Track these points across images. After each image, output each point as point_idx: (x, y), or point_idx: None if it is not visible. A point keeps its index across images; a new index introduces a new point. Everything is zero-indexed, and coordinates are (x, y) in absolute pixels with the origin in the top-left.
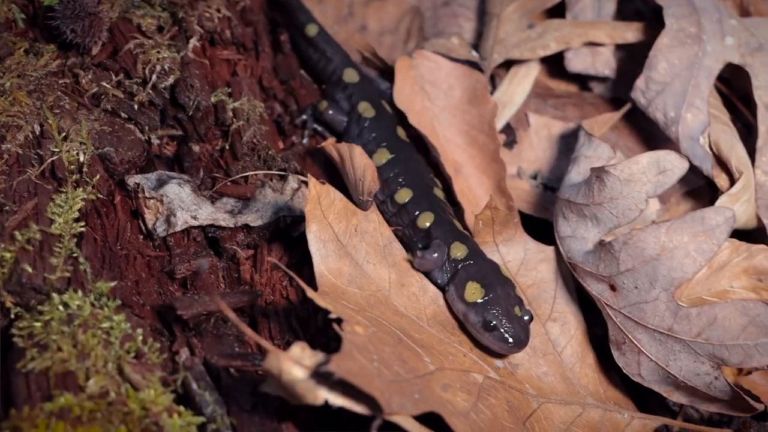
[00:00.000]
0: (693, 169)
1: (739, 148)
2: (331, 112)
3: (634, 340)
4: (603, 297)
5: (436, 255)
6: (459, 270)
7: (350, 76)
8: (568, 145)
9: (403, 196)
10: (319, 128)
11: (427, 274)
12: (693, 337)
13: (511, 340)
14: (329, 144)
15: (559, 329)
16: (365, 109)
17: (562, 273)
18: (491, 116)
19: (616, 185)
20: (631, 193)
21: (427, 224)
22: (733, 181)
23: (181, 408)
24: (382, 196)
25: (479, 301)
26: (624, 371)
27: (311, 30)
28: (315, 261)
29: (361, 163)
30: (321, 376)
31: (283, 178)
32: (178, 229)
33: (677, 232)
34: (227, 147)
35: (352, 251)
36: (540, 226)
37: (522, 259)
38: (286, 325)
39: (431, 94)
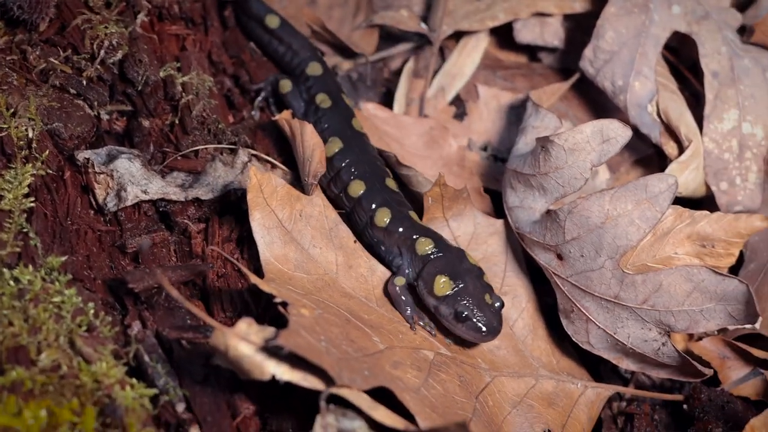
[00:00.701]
0: (642, 138)
1: (688, 116)
2: (290, 93)
3: (581, 309)
4: (551, 266)
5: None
6: (426, 265)
7: (314, 69)
8: (517, 116)
9: (356, 189)
10: (271, 101)
11: (392, 268)
12: (639, 304)
13: (484, 328)
14: (282, 118)
15: (510, 302)
16: (322, 99)
17: (511, 246)
18: (458, 157)
19: (561, 155)
20: (576, 162)
21: (386, 221)
22: (681, 149)
23: (134, 380)
24: (336, 190)
25: (449, 293)
26: (573, 339)
27: (272, 21)
28: (260, 248)
29: (311, 143)
30: (270, 351)
31: (233, 152)
32: (128, 203)
33: (621, 200)
34: (177, 121)
35: (297, 236)
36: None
37: (472, 233)
38: (238, 298)
39: (389, 144)
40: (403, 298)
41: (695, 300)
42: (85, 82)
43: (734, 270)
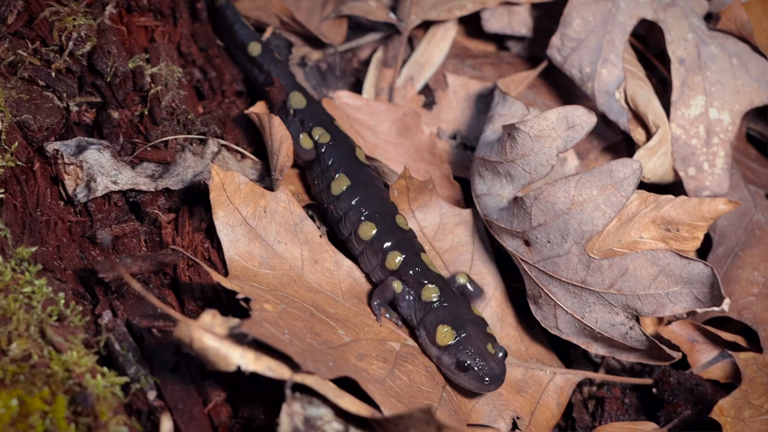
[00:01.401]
0: (610, 125)
1: (655, 102)
2: (315, 178)
3: (549, 294)
4: (518, 253)
5: (386, 293)
6: (428, 314)
7: (296, 101)
8: (486, 104)
9: (367, 231)
10: None
11: (398, 311)
12: (606, 289)
13: (487, 378)
14: (253, 111)
15: None
16: (320, 134)
17: (479, 235)
18: (429, 144)
19: (527, 142)
20: (542, 149)
21: (397, 264)
22: (649, 136)
23: (105, 369)
24: (346, 231)
25: (451, 343)
26: (542, 325)
27: (254, 49)
28: (224, 247)
29: (279, 135)
30: (235, 342)
31: (203, 142)
32: (98, 194)
33: (586, 186)
34: (146, 112)
35: (262, 233)
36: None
37: (438, 224)
38: (208, 288)
39: (360, 132)
40: (385, 294)
41: (661, 284)
42: (53, 74)
43: (702, 254)
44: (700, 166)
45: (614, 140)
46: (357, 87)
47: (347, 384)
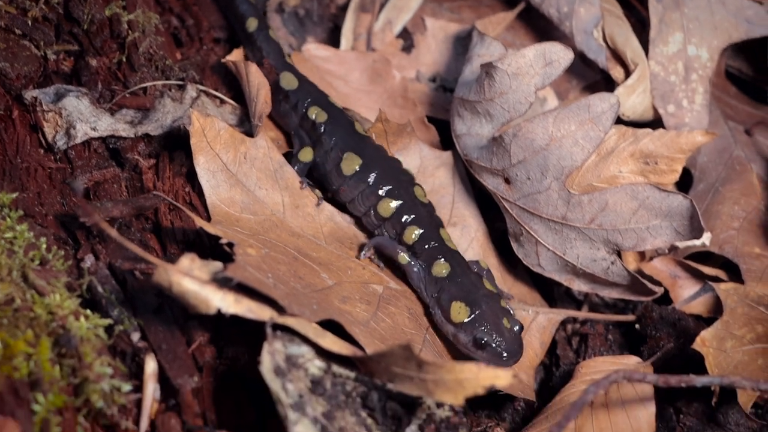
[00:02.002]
0: (589, 64)
1: (633, 40)
2: (318, 159)
3: (530, 231)
4: (499, 191)
5: (386, 247)
6: (442, 291)
7: (288, 81)
8: (464, 47)
9: (387, 208)
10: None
11: (410, 285)
12: (586, 224)
13: (505, 353)
14: (229, 59)
15: (459, 233)
16: (316, 113)
17: (459, 176)
18: (401, 89)
19: (504, 80)
20: (520, 87)
21: (414, 238)
22: (628, 74)
23: (88, 311)
24: (363, 208)
25: (466, 320)
26: (524, 263)
27: (251, 24)
28: (206, 192)
29: (256, 82)
30: (214, 284)
31: (181, 88)
32: (78, 141)
33: (564, 121)
34: (124, 59)
35: (242, 179)
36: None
37: (419, 167)
38: (190, 231)
39: (331, 83)
40: (384, 246)
41: (641, 217)
42: (30, 23)
43: (683, 191)
44: (679, 103)
45: (593, 79)
46: (335, 32)
47: (330, 325)
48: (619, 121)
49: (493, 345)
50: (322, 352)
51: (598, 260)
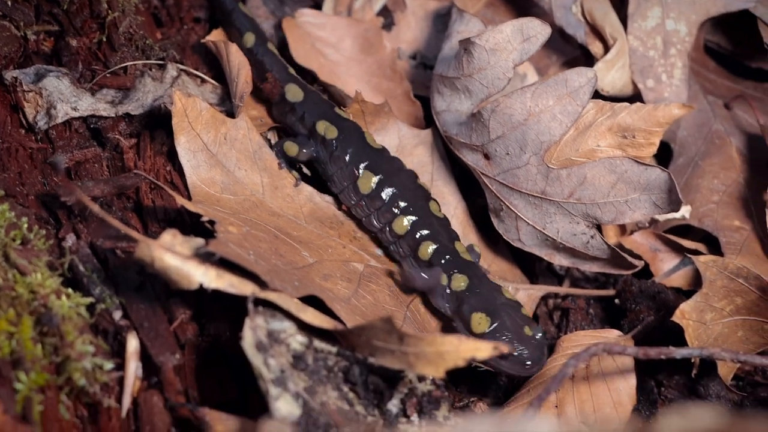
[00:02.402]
0: (568, 40)
1: (612, 15)
2: (304, 151)
3: (510, 206)
4: (478, 167)
5: (426, 277)
6: (462, 303)
7: (293, 93)
8: (444, 24)
9: (402, 226)
10: (298, 171)
11: (432, 306)
12: (565, 198)
13: (528, 362)
14: (209, 40)
15: None
16: (325, 128)
17: (438, 154)
18: (391, 61)
19: (483, 56)
20: (498, 62)
21: (429, 253)
22: (607, 49)
23: (69, 290)
24: (379, 225)
25: (487, 330)
26: (505, 238)
27: (248, 40)
28: (186, 172)
29: (236, 62)
30: (196, 260)
31: (162, 67)
32: (59, 121)
33: (542, 96)
34: (104, 39)
35: (222, 159)
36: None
37: (397, 146)
38: (171, 210)
39: (323, 50)
40: (430, 283)
41: (620, 191)
42: (9, 3)
43: (663, 165)
44: (658, 78)
45: (573, 55)
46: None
47: (311, 301)
48: (598, 96)
49: (516, 354)
50: (303, 327)
51: (577, 234)
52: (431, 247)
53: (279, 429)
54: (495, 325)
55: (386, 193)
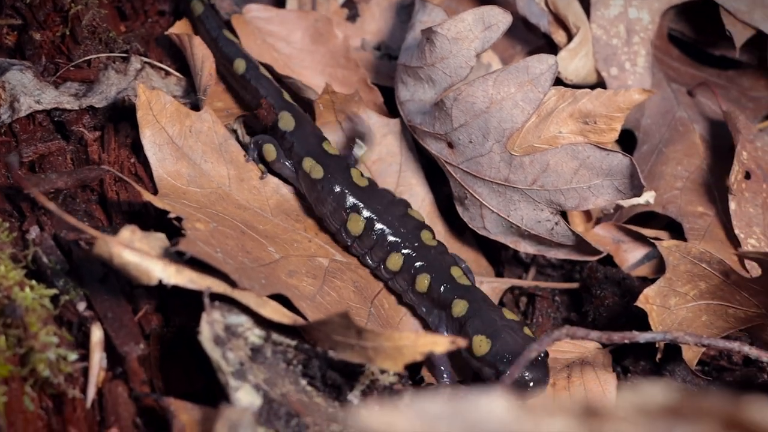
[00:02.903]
0: (531, 29)
1: (575, 4)
2: (277, 162)
3: (475, 195)
4: (442, 155)
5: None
6: (463, 327)
7: (286, 122)
8: (408, 14)
9: (396, 262)
10: (258, 161)
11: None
12: (529, 185)
13: (531, 383)
14: (172, 32)
15: (407, 199)
16: (311, 167)
17: (406, 144)
18: (344, 50)
19: (445, 44)
20: (461, 51)
21: (426, 286)
22: (570, 38)
23: (33, 282)
24: (374, 263)
25: (487, 352)
26: (470, 226)
27: (239, 66)
28: (152, 165)
29: (200, 54)
30: (170, 258)
31: (125, 60)
32: (22, 114)
33: (504, 84)
34: (68, 32)
35: (188, 152)
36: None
37: None
38: (136, 202)
39: (274, 44)
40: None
41: (582, 177)
42: None
43: (626, 152)
44: (621, 66)
45: (536, 44)
46: (280, 4)
47: (275, 295)
48: (562, 84)
49: (517, 375)
50: (261, 321)
51: (542, 221)
52: (427, 279)
53: (240, 415)
54: (495, 346)
55: (376, 232)
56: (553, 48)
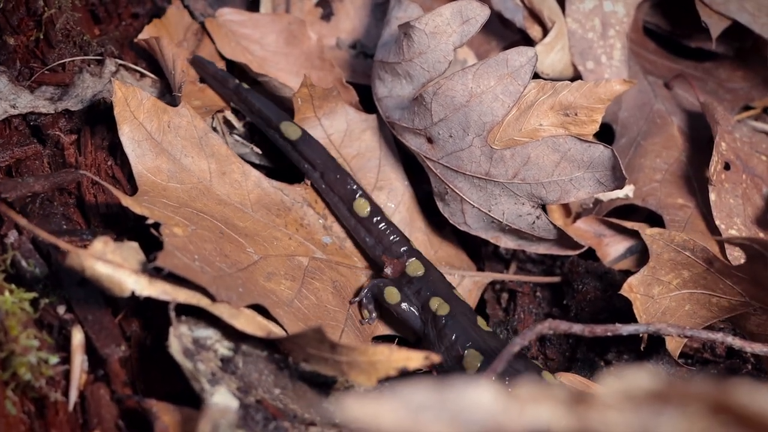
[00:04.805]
0: (507, 24)
1: None
2: (400, 305)
3: (455, 189)
4: (422, 151)
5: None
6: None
7: (414, 268)
8: (383, 12)
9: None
10: (372, 310)
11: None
12: (510, 179)
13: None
14: (141, 39)
15: (386, 197)
16: (438, 306)
17: (385, 139)
18: (318, 51)
19: (423, 39)
20: (438, 46)
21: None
22: (546, 32)
23: (13, 286)
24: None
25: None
26: (450, 222)
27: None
28: (132, 162)
29: (170, 54)
30: (149, 273)
31: (100, 63)
32: None
33: (483, 77)
34: (42, 36)
35: (168, 147)
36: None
37: (345, 130)
38: (114, 204)
39: (248, 47)
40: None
41: (564, 169)
42: None
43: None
44: (598, 59)
45: (512, 39)
46: (254, 4)
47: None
48: (534, 71)
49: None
50: (231, 333)
51: (523, 215)
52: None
53: (222, 414)
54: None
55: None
56: (528, 43)
